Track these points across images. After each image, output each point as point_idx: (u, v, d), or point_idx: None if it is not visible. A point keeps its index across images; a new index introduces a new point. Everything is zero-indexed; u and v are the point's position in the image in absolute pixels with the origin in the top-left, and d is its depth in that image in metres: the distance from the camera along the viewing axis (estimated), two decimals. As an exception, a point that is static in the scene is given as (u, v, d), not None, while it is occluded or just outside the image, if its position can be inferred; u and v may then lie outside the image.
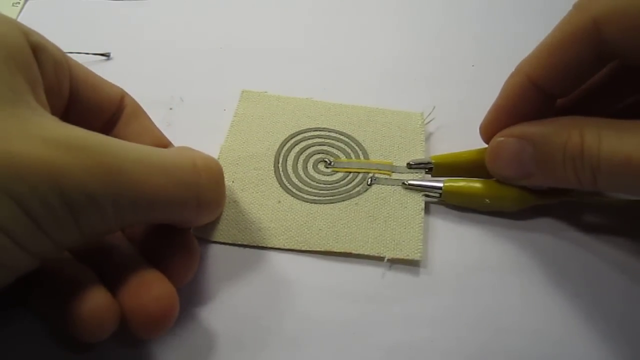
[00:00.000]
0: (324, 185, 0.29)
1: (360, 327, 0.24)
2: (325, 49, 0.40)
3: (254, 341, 0.23)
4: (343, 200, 0.28)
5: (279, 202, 0.28)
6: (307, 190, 0.28)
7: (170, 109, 0.33)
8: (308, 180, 0.29)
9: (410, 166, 0.29)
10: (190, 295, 0.25)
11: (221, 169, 0.24)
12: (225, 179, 0.28)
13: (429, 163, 0.29)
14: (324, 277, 0.25)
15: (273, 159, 0.30)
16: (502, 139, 0.26)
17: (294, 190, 0.28)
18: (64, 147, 0.18)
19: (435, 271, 0.26)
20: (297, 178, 0.29)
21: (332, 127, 0.31)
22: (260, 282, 0.25)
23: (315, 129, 0.31)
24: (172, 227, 0.23)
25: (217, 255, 0.26)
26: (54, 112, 0.21)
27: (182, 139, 0.31)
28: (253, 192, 0.28)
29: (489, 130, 0.27)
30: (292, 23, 0.42)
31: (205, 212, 0.23)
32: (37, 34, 0.22)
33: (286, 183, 0.29)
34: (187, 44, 0.36)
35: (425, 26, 0.41)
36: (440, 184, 0.27)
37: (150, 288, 0.21)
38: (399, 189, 0.28)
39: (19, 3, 0.42)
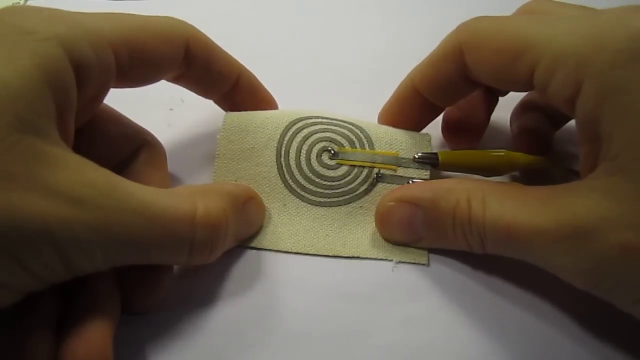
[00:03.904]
0: (329, 183, 0.28)
1: (360, 327, 0.24)
2: (325, 49, 0.40)
3: (254, 341, 0.23)
4: (348, 203, 0.28)
5: (285, 205, 0.28)
6: (312, 190, 0.28)
7: (171, 109, 0.33)
8: (312, 178, 0.28)
9: (416, 159, 0.28)
10: (191, 295, 0.25)
11: (224, 220, 0.23)
12: (229, 178, 0.28)
13: (435, 158, 0.28)
14: (324, 277, 0.25)
15: (275, 152, 0.28)
16: (392, 203, 0.26)
17: (298, 190, 0.28)
18: (63, 200, 0.18)
19: (436, 272, 0.26)
20: (301, 175, 0.28)
21: (334, 117, 0.30)
22: (261, 282, 0.25)
23: (317, 117, 0.29)
24: None
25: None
26: (78, 125, 0.22)
27: (182, 139, 0.32)
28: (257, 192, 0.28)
29: (383, 120, 0.30)
30: (293, 23, 0.42)
31: (196, 261, 0.22)
32: (83, 40, 0.21)
33: (290, 182, 0.28)
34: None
35: (423, 28, 0.41)
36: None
37: (84, 346, 0.20)
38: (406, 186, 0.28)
39: (19, 3, 0.42)
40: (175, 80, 0.27)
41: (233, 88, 0.28)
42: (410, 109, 0.29)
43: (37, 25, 0.20)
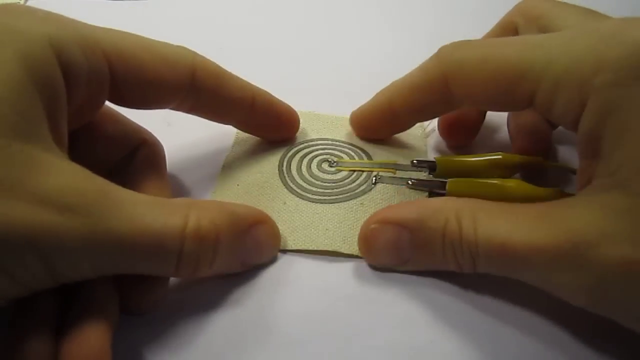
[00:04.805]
0: (328, 184, 0.29)
1: (361, 327, 0.24)
2: (326, 49, 0.40)
3: (254, 341, 0.23)
4: (348, 200, 0.28)
5: (284, 203, 0.28)
6: (311, 190, 0.28)
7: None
8: (312, 180, 0.29)
9: (414, 164, 0.29)
10: (190, 295, 0.25)
11: (213, 234, 0.22)
12: (230, 183, 0.29)
13: (433, 163, 0.29)
14: (324, 277, 0.25)
15: (277, 163, 0.30)
16: (375, 226, 0.24)
17: (298, 190, 0.28)
18: (51, 207, 0.18)
19: (436, 272, 0.26)
20: (301, 178, 0.29)
21: (335, 138, 0.31)
22: (261, 282, 0.25)
23: (319, 139, 0.31)
24: None
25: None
26: (70, 129, 0.22)
27: (182, 139, 0.32)
28: (258, 195, 0.28)
29: (356, 124, 0.30)
30: (294, 24, 0.42)
31: (183, 274, 0.22)
32: (74, 43, 0.21)
33: (290, 184, 0.29)
34: (186, 44, 0.36)
35: (430, 29, 0.41)
36: (445, 183, 0.27)
37: (83, 347, 0.19)
38: (404, 188, 0.28)
39: (19, 2, 0.42)
40: (189, 110, 0.27)
41: (250, 111, 0.28)
42: (385, 124, 0.29)
43: (28, 25, 0.20)
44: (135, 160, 0.27)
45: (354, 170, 0.29)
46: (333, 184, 0.29)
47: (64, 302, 0.21)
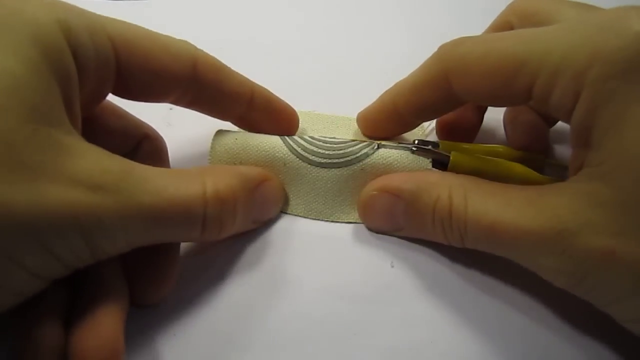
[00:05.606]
0: (330, 145, 0.28)
1: (360, 327, 0.24)
2: (327, 49, 0.40)
3: (254, 341, 0.23)
4: (349, 165, 0.27)
5: (285, 164, 0.27)
6: (312, 150, 0.28)
7: (170, 109, 0.33)
8: (314, 141, 0.28)
9: (416, 145, 0.28)
10: (190, 295, 0.25)
11: (231, 196, 0.23)
12: (227, 138, 0.28)
13: (436, 144, 0.28)
14: (324, 277, 0.25)
15: (279, 136, 0.29)
16: (375, 192, 0.26)
17: (299, 150, 0.28)
18: (85, 187, 0.19)
19: (436, 272, 0.26)
20: (302, 139, 0.28)
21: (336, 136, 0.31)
22: (261, 282, 0.25)
23: (320, 137, 0.31)
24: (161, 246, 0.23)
25: (217, 255, 0.26)
26: (82, 115, 0.22)
27: (182, 139, 0.32)
28: (257, 152, 0.28)
29: (362, 125, 0.30)
30: (294, 23, 0.42)
31: (208, 237, 0.23)
32: (81, 27, 0.21)
33: (291, 142, 0.28)
34: (187, 44, 0.36)
35: (430, 28, 0.41)
36: (448, 154, 0.27)
37: (96, 333, 0.20)
38: (407, 153, 0.27)
39: None
40: (189, 104, 0.27)
41: (249, 107, 0.28)
42: (390, 124, 0.29)
43: (36, 9, 0.20)
44: (138, 155, 0.27)
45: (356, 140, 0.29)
46: (335, 145, 0.28)
47: (71, 293, 0.22)
